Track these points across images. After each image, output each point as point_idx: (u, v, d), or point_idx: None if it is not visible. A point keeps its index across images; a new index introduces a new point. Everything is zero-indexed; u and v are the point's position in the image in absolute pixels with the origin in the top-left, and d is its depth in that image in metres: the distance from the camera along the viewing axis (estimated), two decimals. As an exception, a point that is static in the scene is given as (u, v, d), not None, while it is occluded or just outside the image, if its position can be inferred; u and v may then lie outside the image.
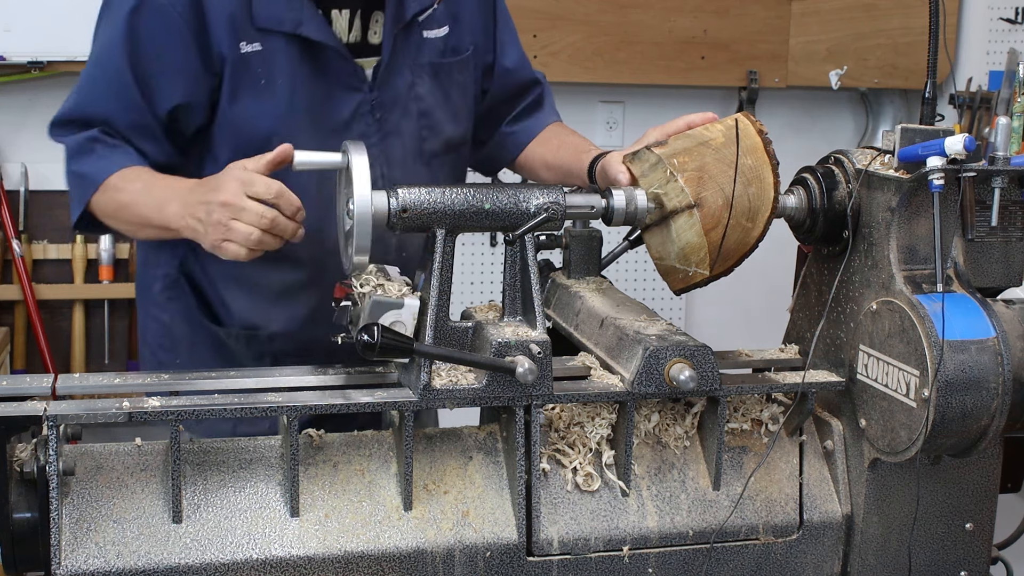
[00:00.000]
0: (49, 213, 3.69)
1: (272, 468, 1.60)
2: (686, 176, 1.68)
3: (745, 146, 1.71)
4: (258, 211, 1.64)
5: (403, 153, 2.01)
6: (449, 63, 2.06)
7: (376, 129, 1.98)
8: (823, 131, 4.42)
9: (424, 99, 2.03)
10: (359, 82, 1.95)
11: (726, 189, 1.67)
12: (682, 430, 1.73)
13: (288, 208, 1.66)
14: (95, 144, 1.88)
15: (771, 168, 1.72)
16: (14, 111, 3.64)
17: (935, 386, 1.55)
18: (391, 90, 1.98)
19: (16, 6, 3.45)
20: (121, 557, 1.50)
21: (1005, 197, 1.67)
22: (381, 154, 1.97)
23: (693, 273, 1.70)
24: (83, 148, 1.88)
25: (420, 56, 2.01)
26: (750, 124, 1.75)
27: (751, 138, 1.73)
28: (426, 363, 1.58)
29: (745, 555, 1.73)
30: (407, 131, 2.02)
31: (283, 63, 1.89)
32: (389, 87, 1.98)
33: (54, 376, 1.63)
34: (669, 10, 4.00)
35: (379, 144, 1.97)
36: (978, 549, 1.79)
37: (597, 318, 1.80)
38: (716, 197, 1.67)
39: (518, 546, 1.63)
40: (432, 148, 2.06)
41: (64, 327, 3.71)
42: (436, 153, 2.07)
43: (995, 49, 4.21)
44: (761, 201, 1.70)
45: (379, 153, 1.97)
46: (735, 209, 1.67)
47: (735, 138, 1.71)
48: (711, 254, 1.68)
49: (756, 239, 1.72)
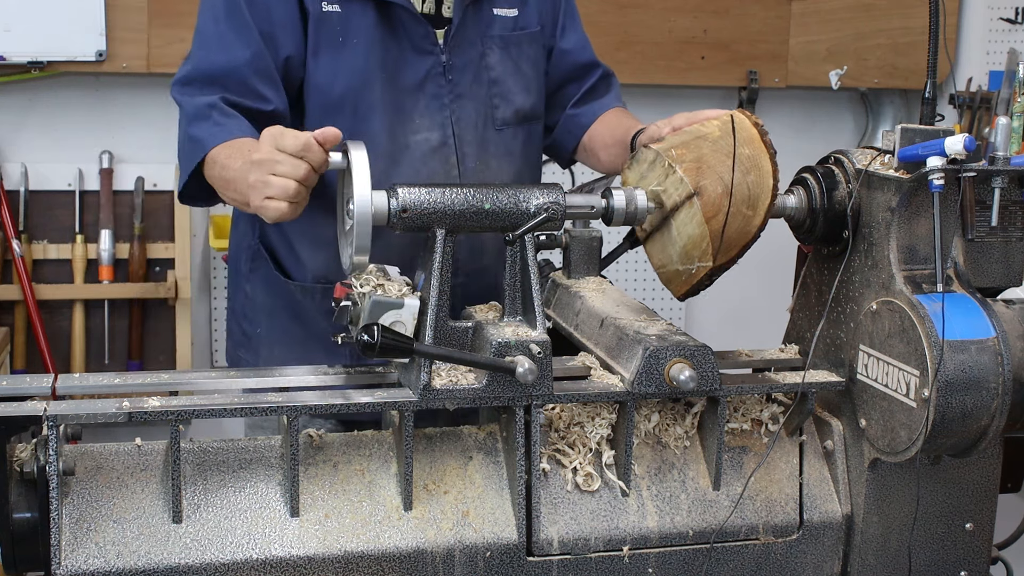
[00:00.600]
0: (49, 213, 3.69)
1: (272, 468, 1.60)
2: (684, 166, 1.68)
3: (742, 137, 1.71)
4: (292, 162, 1.66)
5: (475, 116, 2.11)
6: (518, 36, 2.18)
7: (448, 91, 2.08)
8: (823, 131, 4.42)
9: (494, 68, 2.14)
10: (431, 45, 2.06)
11: (725, 177, 1.67)
12: (682, 430, 1.73)
13: (316, 161, 1.67)
14: (212, 111, 1.93)
15: (769, 157, 1.71)
16: (14, 111, 3.64)
17: (935, 386, 1.55)
18: (462, 56, 2.10)
19: (16, 6, 3.45)
20: (121, 557, 1.50)
21: (1005, 197, 1.67)
22: (452, 114, 2.08)
23: (696, 269, 1.70)
24: (200, 113, 1.93)
25: (491, 29, 2.14)
26: (745, 118, 1.75)
27: (747, 130, 1.73)
28: (426, 363, 1.58)
29: (745, 555, 1.73)
30: (479, 96, 2.12)
31: (360, 23, 2.00)
32: (460, 53, 2.09)
33: (54, 376, 1.63)
34: (669, 10, 4.00)
35: (450, 105, 2.08)
36: (978, 549, 1.79)
37: (597, 318, 1.80)
38: (715, 185, 1.67)
39: (518, 546, 1.63)
40: (504, 116, 2.16)
41: (64, 327, 3.71)
42: (508, 122, 2.17)
43: (995, 49, 4.20)
44: (760, 189, 1.70)
45: (450, 114, 2.08)
46: (735, 197, 1.67)
47: (731, 130, 1.71)
48: (713, 243, 1.67)
49: (757, 228, 1.71)
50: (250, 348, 2.21)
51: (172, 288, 3.67)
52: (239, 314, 2.25)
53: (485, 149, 2.12)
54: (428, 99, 2.06)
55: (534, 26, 2.21)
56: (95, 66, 3.53)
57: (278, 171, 1.66)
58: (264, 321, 2.19)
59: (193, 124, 1.93)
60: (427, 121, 2.06)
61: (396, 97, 2.03)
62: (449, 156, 2.07)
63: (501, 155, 2.16)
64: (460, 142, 2.08)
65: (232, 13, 1.98)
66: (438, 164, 2.06)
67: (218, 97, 1.94)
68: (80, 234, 3.67)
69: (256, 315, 2.20)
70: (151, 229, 3.74)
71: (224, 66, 1.96)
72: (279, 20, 1.98)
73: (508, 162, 2.17)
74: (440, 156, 2.06)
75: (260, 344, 2.19)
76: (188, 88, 1.97)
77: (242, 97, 1.95)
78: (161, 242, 3.74)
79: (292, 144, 1.65)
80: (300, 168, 1.65)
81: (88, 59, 3.51)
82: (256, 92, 1.96)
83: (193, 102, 1.95)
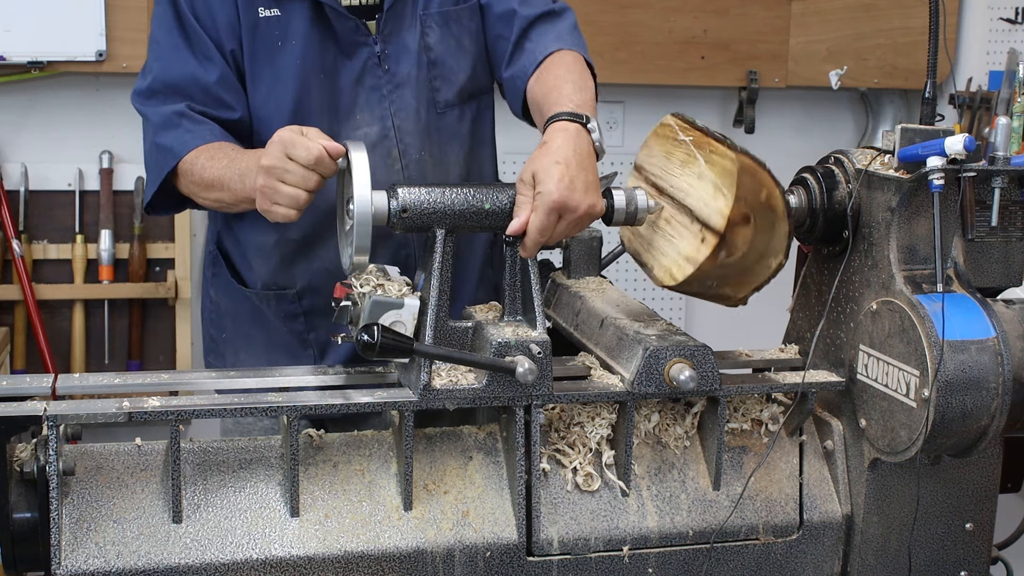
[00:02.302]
0: (49, 213, 3.69)
1: (272, 468, 1.60)
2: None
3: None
4: (303, 173, 1.66)
5: (415, 104, 2.05)
6: (458, 10, 2.09)
7: (386, 81, 2.03)
8: (823, 131, 4.41)
9: (433, 48, 2.07)
10: (363, 36, 2.01)
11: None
12: (682, 430, 1.73)
13: (327, 172, 1.68)
14: (182, 119, 1.93)
15: (716, 141, 1.68)
16: (14, 111, 3.64)
17: (935, 386, 1.55)
18: (398, 41, 2.04)
19: (16, 6, 3.44)
20: (121, 557, 1.50)
21: (1005, 197, 1.67)
22: (392, 105, 2.03)
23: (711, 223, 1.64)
24: (169, 122, 1.93)
25: (428, 7, 2.06)
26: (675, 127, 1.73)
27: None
28: (426, 363, 1.58)
29: (745, 555, 1.73)
30: (418, 81, 2.05)
31: (298, 26, 1.98)
32: (395, 39, 2.04)
33: (54, 376, 1.63)
34: (669, 10, 4.00)
35: (389, 96, 2.03)
36: (978, 549, 1.79)
37: (597, 318, 1.80)
38: None
39: (518, 546, 1.63)
40: (446, 98, 2.08)
41: (64, 327, 3.70)
42: (451, 103, 2.09)
43: (995, 49, 4.20)
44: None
45: (389, 104, 2.02)
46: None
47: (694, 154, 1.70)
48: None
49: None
50: (218, 353, 2.21)
51: (172, 288, 3.67)
52: (207, 319, 2.24)
53: (428, 136, 2.05)
54: (367, 92, 2.01)
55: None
56: (95, 66, 3.53)
57: (288, 180, 1.66)
58: (229, 326, 2.19)
59: (161, 133, 1.92)
60: (367, 115, 2.02)
61: (335, 96, 2.00)
62: (391, 149, 2.01)
63: (446, 140, 2.08)
64: (400, 133, 2.02)
65: (182, 23, 1.97)
66: (379, 159, 1.99)
67: (184, 105, 1.93)
68: (80, 234, 3.67)
69: (221, 320, 2.20)
70: (151, 229, 3.74)
71: (186, 75, 1.95)
72: (223, 26, 1.97)
73: (456, 145, 2.09)
74: (381, 150, 2.00)
75: (226, 348, 2.19)
76: (151, 100, 1.96)
77: (207, 106, 1.95)
78: (161, 242, 3.74)
79: (304, 156, 1.65)
80: (311, 180, 1.66)
81: (88, 59, 3.51)
82: (220, 100, 1.96)
83: (159, 111, 1.94)
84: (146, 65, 2.01)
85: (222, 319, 2.19)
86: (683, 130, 1.72)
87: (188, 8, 1.96)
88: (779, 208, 1.66)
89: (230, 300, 2.16)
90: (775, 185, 1.65)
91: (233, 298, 2.15)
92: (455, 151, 2.09)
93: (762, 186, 1.64)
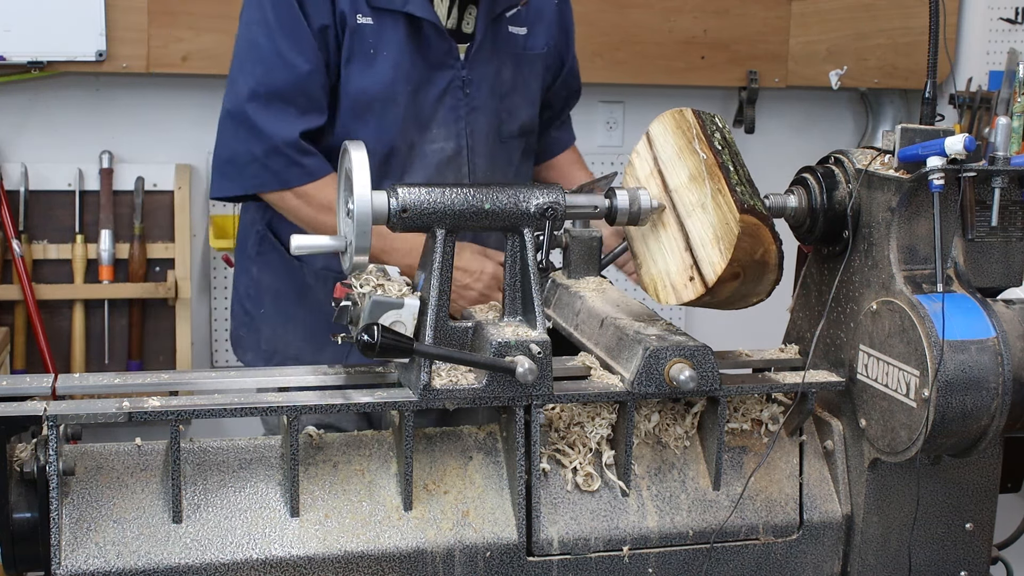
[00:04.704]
0: (49, 213, 3.69)
1: (272, 468, 1.60)
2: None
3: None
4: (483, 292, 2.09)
5: (486, 129, 2.25)
6: (531, 55, 2.32)
7: (465, 104, 2.21)
8: (823, 131, 4.42)
9: (506, 83, 2.28)
10: (453, 60, 2.18)
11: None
12: (682, 430, 1.73)
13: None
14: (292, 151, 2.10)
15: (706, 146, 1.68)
16: (14, 111, 3.64)
17: (935, 386, 1.55)
18: (480, 71, 2.22)
19: (16, 6, 3.45)
20: (121, 557, 1.50)
21: (1005, 197, 1.67)
22: (467, 126, 2.22)
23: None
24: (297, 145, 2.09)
25: (507, 46, 2.26)
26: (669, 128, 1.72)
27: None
28: (426, 363, 1.58)
29: (745, 555, 1.73)
30: (490, 110, 2.25)
31: (392, 37, 2.13)
32: (478, 68, 2.22)
33: (54, 376, 1.63)
34: (669, 10, 4.00)
35: (465, 117, 2.22)
36: (978, 549, 1.79)
37: (597, 318, 1.80)
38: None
39: (518, 546, 1.63)
40: (510, 129, 2.30)
41: (64, 327, 3.71)
42: (512, 134, 2.31)
43: (995, 49, 4.20)
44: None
45: (465, 125, 2.21)
46: None
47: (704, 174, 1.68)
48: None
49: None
50: (252, 327, 2.32)
51: (172, 288, 3.67)
52: (243, 294, 2.35)
53: (493, 160, 2.25)
54: (446, 111, 2.17)
55: (540, 47, 2.33)
56: (95, 66, 3.53)
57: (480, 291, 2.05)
58: (269, 302, 2.30)
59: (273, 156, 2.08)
60: (443, 131, 2.18)
61: (417, 108, 2.16)
62: (462, 166, 2.20)
63: (504, 165, 2.28)
64: (472, 153, 2.21)
65: (287, 25, 2.08)
66: (451, 173, 2.18)
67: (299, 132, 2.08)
68: (80, 234, 3.67)
69: (261, 296, 2.31)
70: (151, 229, 3.74)
71: (292, 82, 2.08)
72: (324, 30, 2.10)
73: (510, 172, 2.29)
74: (454, 165, 2.18)
75: (263, 324, 2.30)
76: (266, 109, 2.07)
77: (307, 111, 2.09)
78: (161, 242, 3.74)
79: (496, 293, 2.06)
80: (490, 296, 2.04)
81: (88, 59, 3.51)
82: (320, 105, 2.11)
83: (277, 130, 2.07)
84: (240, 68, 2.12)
85: (261, 295, 2.32)
86: (700, 143, 1.68)
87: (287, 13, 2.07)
88: (772, 262, 1.66)
89: (275, 278, 2.29)
90: (772, 240, 1.63)
91: (279, 277, 2.28)
92: (508, 177, 2.30)
93: (760, 244, 1.62)
